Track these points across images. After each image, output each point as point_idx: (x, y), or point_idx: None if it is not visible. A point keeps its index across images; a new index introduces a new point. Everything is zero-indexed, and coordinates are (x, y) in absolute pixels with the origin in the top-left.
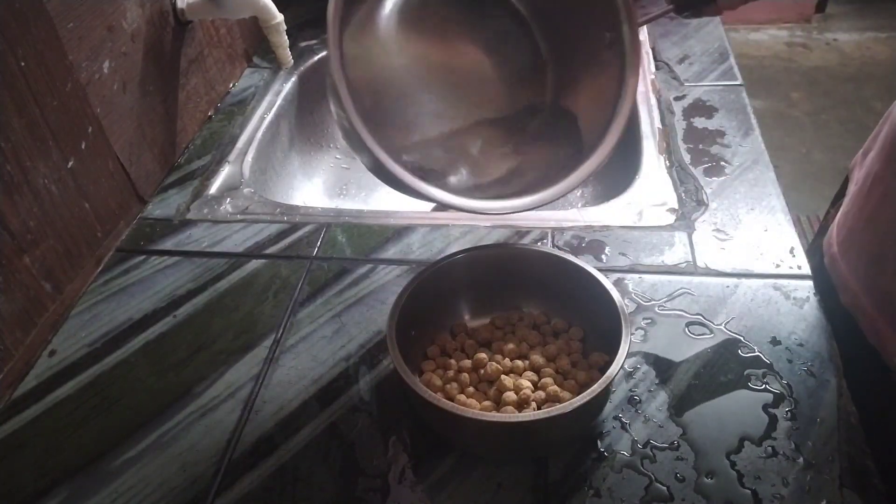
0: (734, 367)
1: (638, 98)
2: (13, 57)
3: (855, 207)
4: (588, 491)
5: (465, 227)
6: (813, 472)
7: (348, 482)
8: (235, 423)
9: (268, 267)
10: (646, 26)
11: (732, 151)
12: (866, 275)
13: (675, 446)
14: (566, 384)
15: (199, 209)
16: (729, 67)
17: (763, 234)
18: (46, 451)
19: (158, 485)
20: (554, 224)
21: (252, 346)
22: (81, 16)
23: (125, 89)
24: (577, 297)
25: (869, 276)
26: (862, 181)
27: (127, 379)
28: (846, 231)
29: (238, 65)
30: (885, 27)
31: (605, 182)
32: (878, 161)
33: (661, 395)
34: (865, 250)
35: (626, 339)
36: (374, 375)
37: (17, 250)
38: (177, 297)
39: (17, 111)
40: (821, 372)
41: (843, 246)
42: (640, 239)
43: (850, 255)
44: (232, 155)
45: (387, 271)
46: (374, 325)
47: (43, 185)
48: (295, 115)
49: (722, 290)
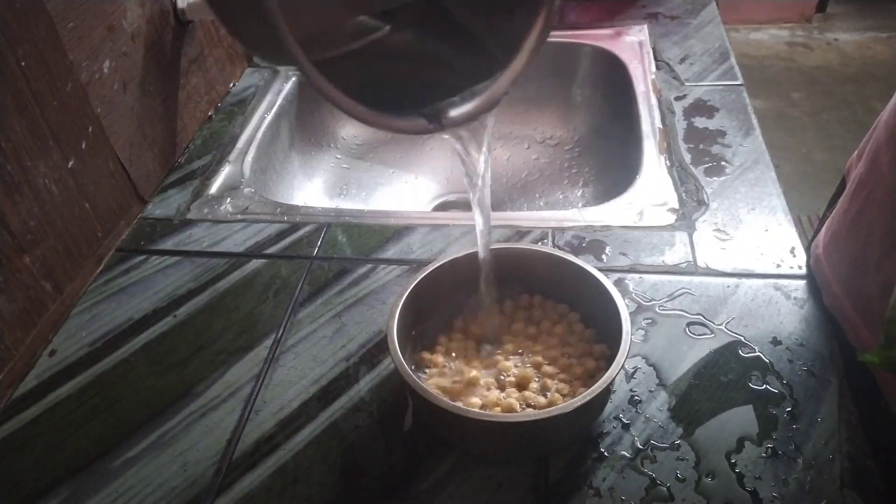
0: (735, 367)
1: (638, 98)
2: (13, 57)
3: (841, 210)
4: (588, 491)
5: (465, 227)
6: (813, 472)
7: (349, 482)
8: (236, 422)
9: (268, 267)
10: (646, 26)
11: (733, 151)
12: (847, 277)
13: (676, 446)
14: (573, 372)
15: (200, 209)
16: (729, 67)
17: (764, 234)
18: (47, 450)
19: (159, 484)
20: (554, 224)
21: (252, 346)
22: (82, 15)
23: (125, 89)
24: (577, 298)
25: (850, 278)
26: (850, 183)
27: (127, 379)
28: (831, 233)
29: (238, 65)
30: (885, 27)
31: (606, 182)
32: (864, 164)
33: (661, 395)
34: (848, 253)
35: (626, 339)
36: (374, 375)
37: (18, 250)
38: (177, 296)
39: (18, 111)
40: (821, 372)
41: (828, 248)
42: (641, 239)
43: (833, 258)
44: (232, 155)
45: (387, 271)
46: (374, 324)
47: (43, 184)
48: (295, 114)
49: (722, 290)
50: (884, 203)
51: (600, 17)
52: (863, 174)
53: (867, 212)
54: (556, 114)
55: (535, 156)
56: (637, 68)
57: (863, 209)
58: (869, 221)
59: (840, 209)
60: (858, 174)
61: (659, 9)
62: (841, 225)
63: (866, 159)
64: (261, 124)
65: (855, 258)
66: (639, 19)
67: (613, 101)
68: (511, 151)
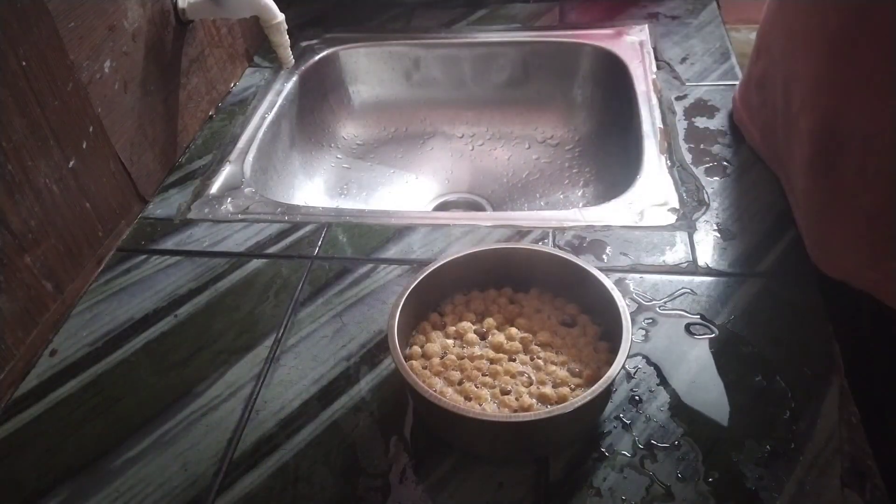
0: (735, 366)
1: (639, 98)
2: (14, 56)
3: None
4: (589, 491)
5: (465, 227)
6: (813, 472)
7: (349, 482)
8: (236, 422)
9: (269, 266)
10: (647, 26)
11: (734, 151)
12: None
13: (677, 446)
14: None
15: (200, 209)
16: (730, 67)
17: (764, 233)
18: (47, 450)
19: (159, 484)
20: (555, 224)
21: (253, 346)
22: (83, 15)
23: (126, 89)
24: (578, 298)
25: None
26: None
27: (128, 378)
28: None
29: (239, 64)
30: None
31: (606, 182)
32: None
33: (662, 394)
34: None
35: (627, 339)
36: (374, 375)
37: (19, 249)
38: (178, 296)
39: (19, 111)
40: (822, 372)
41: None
42: (642, 239)
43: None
44: (233, 154)
45: (388, 271)
46: (374, 324)
47: (44, 184)
48: (296, 114)
49: (723, 290)
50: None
51: (601, 16)
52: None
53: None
54: (556, 114)
55: (536, 155)
56: (638, 68)
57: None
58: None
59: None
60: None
61: (660, 9)
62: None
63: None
64: (261, 124)
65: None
66: (639, 19)
67: (614, 101)
68: (512, 151)
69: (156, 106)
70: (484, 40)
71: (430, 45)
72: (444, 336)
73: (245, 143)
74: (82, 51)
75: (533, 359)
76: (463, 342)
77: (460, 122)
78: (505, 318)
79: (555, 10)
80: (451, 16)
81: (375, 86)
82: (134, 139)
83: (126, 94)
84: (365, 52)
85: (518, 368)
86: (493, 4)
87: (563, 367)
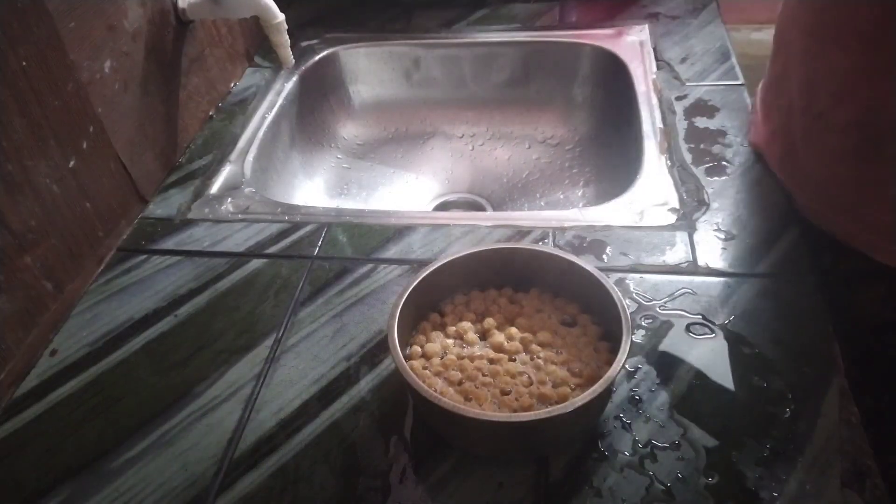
0: (735, 366)
1: (639, 98)
2: (14, 56)
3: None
4: (589, 490)
5: (465, 227)
6: (813, 472)
7: (349, 482)
8: (236, 422)
9: (269, 266)
10: (647, 26)
11: (734, 151)
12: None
13: (677, 446)
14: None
15: (200, 209)
16: (730, 67)
17: (764, 233)
18: (47, 450)
19: (159, 484)
20: (555, 224)
21: (253, 346)
22: (83, 15)
23: (126, 89)
24: (578, 297)
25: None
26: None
27: (128, 378)
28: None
29: (239, 64)
30: None
31: (607, 182)
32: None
33: (662, 394)
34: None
35: (627, 339)
36: (374, 375)
37: (19, 249)
38: (178, 296)
39: (19, 111)
40: (822, 372)
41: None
42: (642, 239)
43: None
44: (233, 154)
45: (388, 271)
46: (374, 324)
47: (44, 184)
48: (296, 114)
49: (723, 290)
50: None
51: (601, 16)
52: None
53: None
54: (556, 114)
55: (536, 155)
56: (638, 68)
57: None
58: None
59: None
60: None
61: (660, 8)
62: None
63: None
64: (262, 124)
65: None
66: (640, 19)
67: (614, 101)
68: (512, 151)
69: (156, 106)
70: (484, 40)
71: (431, 45)
72: (444, 336)
73: (245, 142)
74: (82, 51)
75: (533, 359)
76: (463, 342)
77: (460, 122)
78: (505, 318)
79: (555, 10)
80: (451, 16)
81: (375, 86)
82: (134, 139)
83: (126, 94)
84: (365, 52)
85: (518, 368)
86: (493, 4)
87: (564, 367)
